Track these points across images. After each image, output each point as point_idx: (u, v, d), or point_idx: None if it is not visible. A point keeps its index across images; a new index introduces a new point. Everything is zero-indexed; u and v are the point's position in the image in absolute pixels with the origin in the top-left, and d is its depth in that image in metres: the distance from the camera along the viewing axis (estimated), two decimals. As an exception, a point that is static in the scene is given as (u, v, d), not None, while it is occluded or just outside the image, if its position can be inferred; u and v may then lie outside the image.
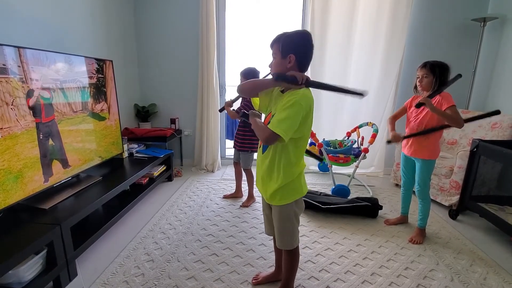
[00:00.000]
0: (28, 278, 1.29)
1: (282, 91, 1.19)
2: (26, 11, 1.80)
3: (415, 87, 1.87)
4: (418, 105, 1.75)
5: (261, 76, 2.25)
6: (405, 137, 1.86)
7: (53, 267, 1.39)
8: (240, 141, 2.36)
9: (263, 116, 1.33)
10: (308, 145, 1.60)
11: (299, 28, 3.19)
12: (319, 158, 1.88)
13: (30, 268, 1.29)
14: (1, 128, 1.35)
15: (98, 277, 1.53)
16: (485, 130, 2.54)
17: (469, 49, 2.93)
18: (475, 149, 2.11)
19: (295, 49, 1.11)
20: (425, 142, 1.81)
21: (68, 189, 1.82)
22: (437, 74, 1.73)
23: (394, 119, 2.00)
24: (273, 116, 1.14)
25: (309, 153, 2.06)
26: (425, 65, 1.78)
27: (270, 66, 1.20)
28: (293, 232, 1.26)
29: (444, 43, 2.99)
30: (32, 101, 1.51)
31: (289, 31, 1.15)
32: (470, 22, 2.84)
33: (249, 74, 2.18)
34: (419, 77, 1.81)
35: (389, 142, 1.90)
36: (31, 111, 1.51)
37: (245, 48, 3.74)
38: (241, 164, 2.45)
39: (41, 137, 1.58)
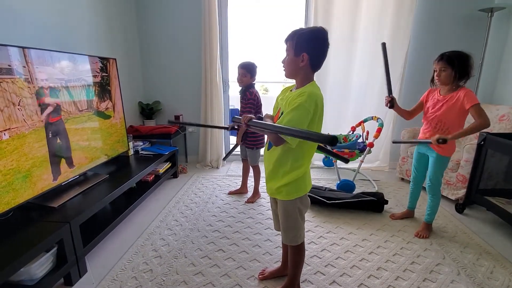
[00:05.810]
0: (40, 275, 1.32)
1: (291, 90, 1.18)
2: (29, 12, 1.81)
3: (432, 80, 1.78)
4: (441, 141, 1.63)
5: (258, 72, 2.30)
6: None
7: (64, 264, 1.42)
8: (245, 137, 2.37)
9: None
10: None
11: (302, 22, 3.16)
12: (344, 158, 1.56)
13: (41, 266, 1.32)
14: (9, 129, 1.36)
15: (108, 273, 1.55)
16: (492, 123, 2.49)
17: (476, 40, 2.86)
18: (483, 142, 2.08)
19: (309, 48, 1.09)
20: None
21: (76, 187, 1.84)
22: (456, 67, 1.63)
23: (410, 115, 1.92)
24: (281, 114, 1.14)
25: (332, 153, 1.97)
26: (441, 58, 1.68)
27: (283, 62, 1.17)
28: (298, 228, 1.26)
29: (451, 34, 2.93)
30: (40, 101, 1.53)
31: (305, 27, 1.12)
32: (477, 12, 2.78)
33: (251, 67, 2.23)
34: (436, 71, 1.72)
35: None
36: (38, 111, 1.53)
37: (248, 43, 3.73)
38: (248, 161, 2.46)
39: (49, 136, 1.60)
